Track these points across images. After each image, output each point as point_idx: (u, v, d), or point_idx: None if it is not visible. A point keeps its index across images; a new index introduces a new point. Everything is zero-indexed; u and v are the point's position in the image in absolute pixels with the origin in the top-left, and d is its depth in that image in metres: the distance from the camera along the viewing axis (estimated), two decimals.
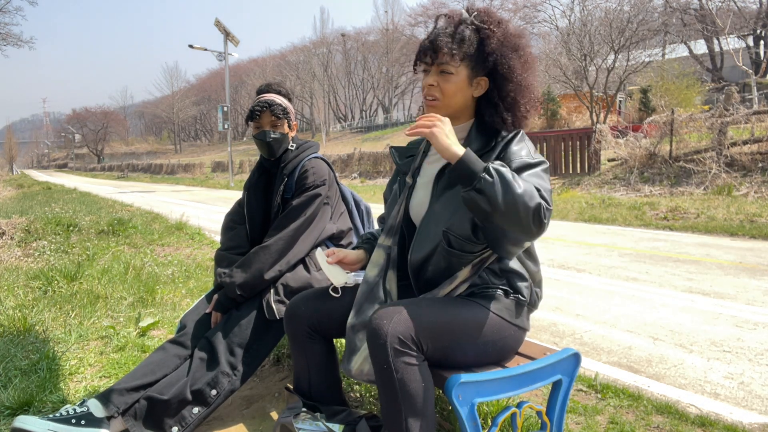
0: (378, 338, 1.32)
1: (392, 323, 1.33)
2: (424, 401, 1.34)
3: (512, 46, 1.50)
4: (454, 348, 1.44)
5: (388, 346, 1.31)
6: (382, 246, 1.62)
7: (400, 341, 1.31)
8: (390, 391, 1.33)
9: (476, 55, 1.49)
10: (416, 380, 1.33)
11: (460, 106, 1.53)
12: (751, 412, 2.13)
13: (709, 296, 3.75)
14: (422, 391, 1.33)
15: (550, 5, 23.48)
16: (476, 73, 1.51)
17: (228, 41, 23.58)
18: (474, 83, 1.52)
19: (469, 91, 1.52)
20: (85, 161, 79.60)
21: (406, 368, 1.32)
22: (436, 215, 1.51)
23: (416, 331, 1.34)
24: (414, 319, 1.35)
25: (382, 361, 1.32)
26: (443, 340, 1.40)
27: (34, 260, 5.08)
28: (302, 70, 59.29)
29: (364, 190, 14.59)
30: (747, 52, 27.83)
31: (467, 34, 1.49)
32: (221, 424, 2.01)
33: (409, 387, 1.32)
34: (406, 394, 1.32)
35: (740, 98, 15.38)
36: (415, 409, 1.32)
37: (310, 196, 2.10)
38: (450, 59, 1.48)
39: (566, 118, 22.69)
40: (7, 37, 17.78)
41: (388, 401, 1.34)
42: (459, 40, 1.48)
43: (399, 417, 1.33)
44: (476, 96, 1.54)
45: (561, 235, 6.66)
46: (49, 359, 2.52)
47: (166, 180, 32.24)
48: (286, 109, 2.18)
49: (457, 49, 1.47)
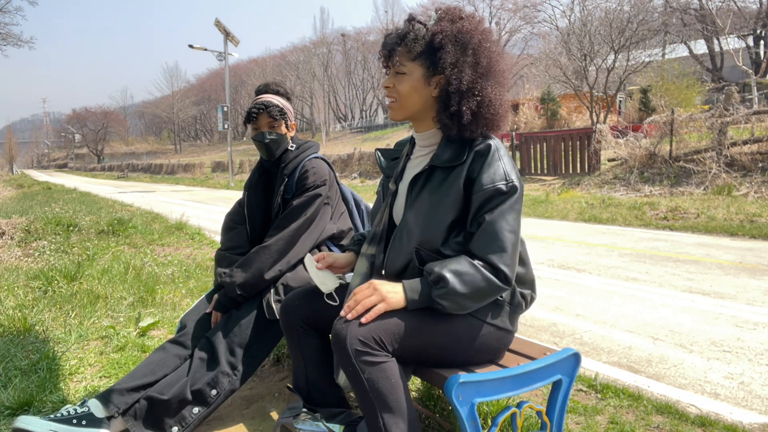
0: (339, 342, 1.34)
1: (351, 326, 1.35)
2: (396, 397, 1.35)
3: (462, 41, 1.42)
4: (426, 347, 1.44)
5: (350, 349, 1.32)
6: (365, 255, 1.60)
7: (361, 342, 1.33)
8: (360, 390, 1.35)
9: (428, 52, 1.44)
10: (384, 377, 1.34)
11: (418, 107, 1.49)
12: (751, 412, 2.13)
13: (709, 296, 3.75)
14: (392, 387, 1.35)
15: (550, 5, 23.53)
16: (432, 72, 1.45)
17: (228, 41, 23.59)
18: (432, 82, 1.46)
19: (426, 90, 1.47)
20: (85, 161, 79.60)
21: (372, 367, 1.33)
22: (408, 229, 1.49)
23: (378, 332, 1.35)
24: (375, 321, 1.36)
25: (347, 364, 1.34)
26: (411, 340, 1.40)
27: (34, 260, 5.08)
28: (302, 70, 59.27)
29: (364, 190, 14.59)
30: (747, 52, 27.83)
31: (420, 32, 1.45)
32: (221, 424, 2.01)
33: (378, 384, 1.33)
34: (376, 392, 1.33)
35: (740, 98, 15.38)
36: (388, 405, 1.34)
37: (311, 197, 2.10)
38: (401, 58, 1.46)
39: (566, 118, 22.69)
40: (7, 37, 17.77)
41: (362, 401, 1.36)
42: (412, 39, 1.44)
43: (375, 414, 1.34)
44: (435, 96, 1.48)
45: (561, 235, 6.66)
46: (49, 359, 2.52)
47: (166, 180, 32.24)
48: (284, 110, 2.17)
49: (406, 47, 1.45)
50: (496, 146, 1.44)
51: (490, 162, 1.41)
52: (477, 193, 1.40)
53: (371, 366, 1.33)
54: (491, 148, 1.43)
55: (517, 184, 1.41)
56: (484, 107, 1.44)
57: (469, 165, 1.43)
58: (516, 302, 1.53)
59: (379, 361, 1.34)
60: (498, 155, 1.43)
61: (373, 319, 1.35)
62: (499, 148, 1.45)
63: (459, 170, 1.44)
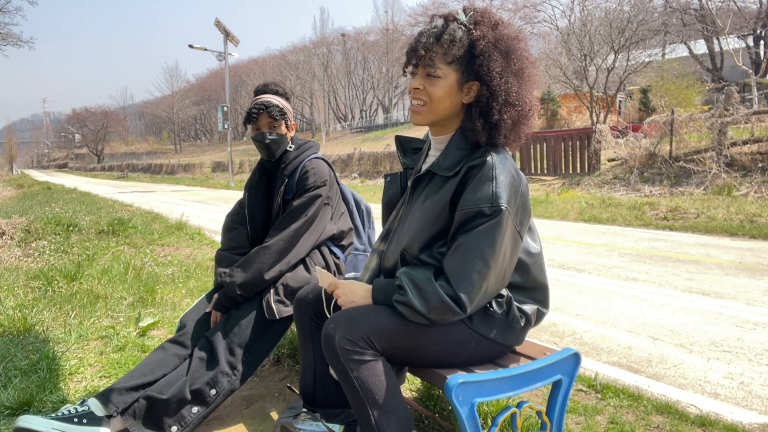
0: (328, 342, 1.36)
1: (340, 326, 1.36)
2: (387, 394, 1.36)
3: (504, 49, 1.39)
4: (417, 348, 1.44)
5: (338, 348, 1.34)
6: (376, 251, 1.62)
7: (349, 341, 1.34)
8: (351, 389, 1.36)
9: (466, 57, 1.40)
10: (373, 375, 1.35)
11: (447, 112, 1.45)
12: (751, 412, 2.13)
13: (709, 296, 3.75)
14: (382, 385, 1.36)
15: (550, 5, 23.45)
16: (467, 77, 1.41)
17: (228, 41, 23.58)
18: (465, 88, 1.43)
19: (458, 96, 1.43)
20: (85, 161, 79.57)
21: (360, 366, 1.35)
22: (401, 231, 1.50)
23: (366, 332, 1.36)
24: (363, 321, 1.37)
25: (336, 363, 1.36)
26: (401, 340, 1.41)
27: (34, 260, 5.08)
28: (302, 70, 59.25)
29: (364, 190, 14.59)
30: (747, 52, 27.81)
31: (458, 35, 1.39)
32: (221, 424, 2.01)
33: (368, 382, 1.35)
34: (366, 390, 1.35)
35: (740, 98, 15.37)
36: (378, 403, 1.35)
37: (311, 197, 2.10)
38: (436, 61, 1.40)
39: (566, 118, 22.68)
40: (7, 37, 17.74)
41: (353, 400, 1.38)
42: (448, 41, 1.39)
43: (366, 412, 1.35)
44: (466, 102, 1.45)
45: (561, 235, 6.66)
46: (49, 359, 2.52)
47: (166, 180, 32.24)
48: (283, 110, 2.17)
49: (444, 50, 1.39)
50: (492, 163, 1.37)
51: (481, 180, 1.35)
52: (459, 210, 1.37)
53: (360, 364, 1.35)
54: (486, 164, 1.37)
55: (504, 207, 1.33)
56: (523, 117, 1.42)
57: (460, 179, 1.40)
58: (512, 317, 1.48)
59: (367, 360, 1.35)
60: (493, 174, 1.35)
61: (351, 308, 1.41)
62: (496, 165, 1.37)
63: (452, 182, 1.41)
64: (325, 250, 2.17)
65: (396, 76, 54.75)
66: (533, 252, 1.53)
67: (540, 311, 1.55)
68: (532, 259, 1.52)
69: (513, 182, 1.38)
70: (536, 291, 1.54)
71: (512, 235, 1.38)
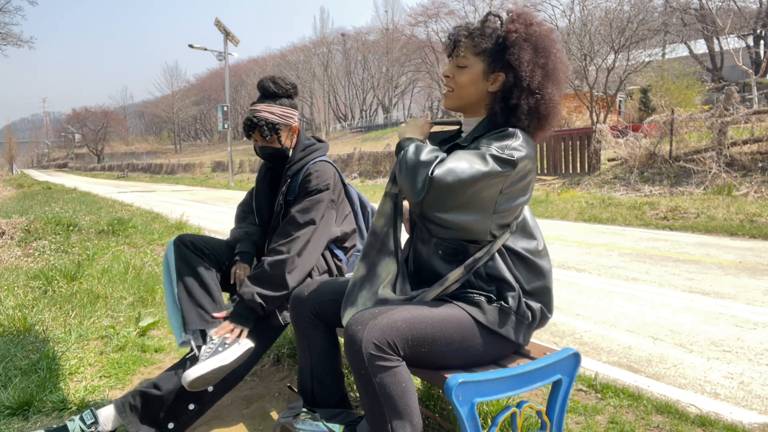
0: (353, 344, 1.33)
1: (367, 329, 1.34)
2: (406, 401, 1.35)
3: (534, 43, 1.47)
4: (433, 350, 1.43)
5: (364, 352, 1.31)
6: (389, 194, 1.59)
7: (375, 346, 1.32)
8: (371, 394, 1.34)
9: (494, 50, 1.49)
10: (395, 382, 1.34)
11: (472, 98, 1.55)
12: (751, 412, 2.13)
13: (709, 296, 3.75)
14: (403, 392, 1.34)
15: (550, 5, 23.46)
16: (493, 68, 1.50)
17: (228, 41, 23.59)
18: (491, 78, 1.52)
19: (483, 85, 1.53)
20: (85, 161, 79.57)
21: (384, 372, 1.33)
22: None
23: (392, 336, 1.34)
24: (389, 324, 1.36)
25: (359, 367, 1.33)
26: (421, 343, 1.40)
27: (34, 260, 5.08)
28: (302, 70, 59.17)
29: (364, 190, 14.59)
30: (747, 52, 27.80)
31: (488, 30, 1.50)
32: (221, 423, 2.01)
33: (390, 389, 1.33)
34: (387, 396, 1.33)
35: (740, 98, 15.38)
36: (398, 410, 1.33)
37: (313, 202, 2.06)
38: (465, 51, 1.52)
39: (566, 118, 22.66)
40: (7, 37, 17.71)
41: (370, 405, 1.35)
42: (479, 34, 1.50)
43: (384, 419, 1.34)
44: (491, 91, 1.53)
45: (561, 234, 6.66)
46: (49, 359, 2.52)
47: (166, 180, 32.24)
48: (276, 125, 2.07)
49: (472, 41, 1.50)
50: (516, 132, 1.44)
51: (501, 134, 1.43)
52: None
53: (384, 371, 1.33)
54: (509, 130, 1.44)
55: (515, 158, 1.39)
56: (543, 107, 1.49)
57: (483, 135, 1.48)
58: (521, 312, 1.50)
59: (392, 366, 1.34)
60: (515, 135, 1.42)
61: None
62: (519, 134, 1.43)
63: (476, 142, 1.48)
64: (326, 253, 2.14)
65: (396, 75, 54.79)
66: (542, 253, 1.57)
67: (543, 312, 1.57)
68: (540, 259, 1.55)
69: (529, 154, 1.43)
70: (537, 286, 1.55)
71: (496, 185, 1.40)
